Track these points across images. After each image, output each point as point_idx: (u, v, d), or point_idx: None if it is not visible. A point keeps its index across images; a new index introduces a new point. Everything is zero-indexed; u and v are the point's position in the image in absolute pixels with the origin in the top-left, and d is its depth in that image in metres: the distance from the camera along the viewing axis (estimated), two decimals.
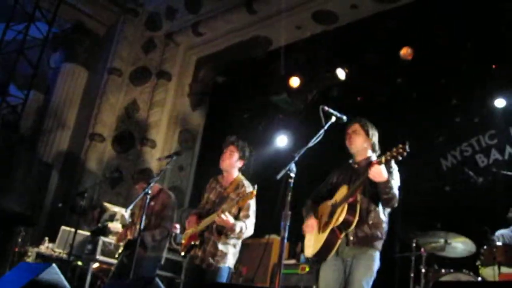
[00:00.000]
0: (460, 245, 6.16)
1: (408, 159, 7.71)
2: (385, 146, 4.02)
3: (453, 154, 8.18)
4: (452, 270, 5.86)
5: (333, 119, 3.90)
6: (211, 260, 4.75)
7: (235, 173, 5.08)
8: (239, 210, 4.81)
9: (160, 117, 10.15)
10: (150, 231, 5.77)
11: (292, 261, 7.18)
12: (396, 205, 4.03)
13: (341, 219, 3.89)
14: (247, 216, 4.81)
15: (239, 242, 4.96)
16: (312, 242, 4.13)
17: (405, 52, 7.69)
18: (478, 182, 6.73)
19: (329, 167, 4.50)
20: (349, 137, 4.23)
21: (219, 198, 4.91)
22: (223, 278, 4.80)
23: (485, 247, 5.78)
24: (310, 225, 4.19)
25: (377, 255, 4.05)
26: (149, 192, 5.12)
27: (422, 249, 6.18)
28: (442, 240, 6.14)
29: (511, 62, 7.33)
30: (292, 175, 3.48)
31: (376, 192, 3.96)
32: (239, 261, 7.60)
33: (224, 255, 4.78)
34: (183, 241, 5.00)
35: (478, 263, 5.82)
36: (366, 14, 8.13)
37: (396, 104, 8.39)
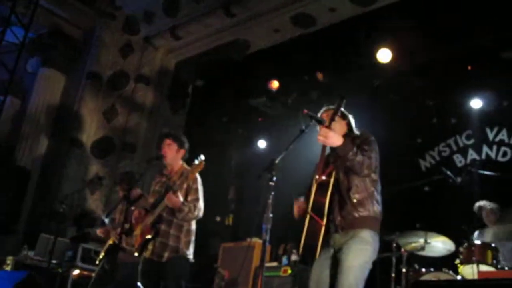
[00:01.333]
0: (440, 245, 6.23)
1: (388, 160, 7.81)
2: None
3: (432, 154, 8.30)
4: (432, 270, 5.92)
5: (313, 122, 3.90)
6: (163, 251, 4.71)
7: (179, 163, 5.10)
8: (187, 194, 4.80)
9: (139, 121, 10.08)
10: (131, 236, 5.73)
11: (274, 264, 7.19)
12: (370, 173, 3.66)
13: (312, 202, 3.56)
14: (196, 200, 4.80)
15: (193, 231, 4.91)
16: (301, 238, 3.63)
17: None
18: (456, 182, 6.81)
19: (310, 170, 4.50)
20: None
21: (165, 187, 4.84)
22: (181, 269, 4.74)
23: (464, 245, 5.86)
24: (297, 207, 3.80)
25: (370, 236, 3.57)
26: (129, 197, 5.09)
27: (403, 249, 6.23)
28: (421, 240, 6.20)
29: (486, 63, 7.46)
30: (273, 177, 3.49)
31: (346, 163, 3.57)
32: (221, 265, 7.66)
33: (176, 244, 4.75)
34: (135, 241, 4.90)
35: (457, 261, 5.90)
36: (345, 17, 8.20)
37: (374, 106, 8.47)
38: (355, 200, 3.60)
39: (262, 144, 9.36)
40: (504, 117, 7.61)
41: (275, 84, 8.72)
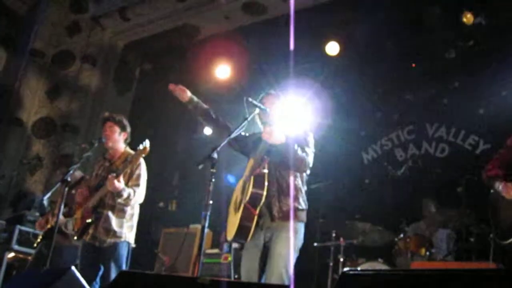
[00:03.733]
0: (377, 235, 6.43)
1: (333, 152, 7.92)
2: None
3: (374, 148, 8.49)
4: (368, 259, 6.11)
5: (257, 110, 3.93)
6: (105, 236, 4.69)
7: (121, 147, 5.09)
8: (129, 179, 4.80)
9: (84, 103, 9.83)
10: (71, 219, 5.61)
11: (215, 251, 7.22)
12: (306, 169, 3.87)
13: (249, 194, 3.67)
14: (136, 185, 4.80)
15: (135, 215, 4.90)
16: (231, 224, 3.91)
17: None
18: (396, 175, 7.01)
19: None
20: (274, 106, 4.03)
21: (108, 172, 4.82)
22: (122, 254, 4.71)
23: (399, 237, 6.06)
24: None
25: (302, 227, 3.86)
26: (69, 179, 4.97)
27: (341, 239, 6.39)
28: (360, 231, 6.38)
29: (429, 61, 7.69)
30: (214, 165, 3.49)
31: (284, 159, 3.75)
32: (162, 251, 7.62)
33: (118, 229, 4.74)
34: (75, 225, 4.86)
35: (392, 252, 6.10)
36: (297, 8, 8.23)
37: (320, 99, 8.58)
38: (293, 193, 3.79)
39: (208, 130, 9.33)
40: (444, 114, 7.86)
41: (223, 70, 8.69)
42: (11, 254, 6.94)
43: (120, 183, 4.57)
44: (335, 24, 7.82)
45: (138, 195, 4.81)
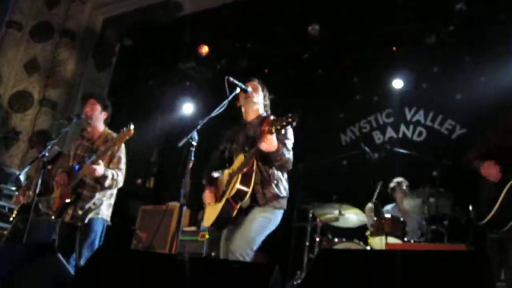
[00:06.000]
0: (353, 216, 6.52)
1: (312, 133, 7.96)
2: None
3: (352, 130, 8.56)
4: (344, 240, 6.20)
5: (238, 90, 3.93)
6: (83, 215, 4.67)
7: (101, 126, 5.05)
8: (110, 161, 4.79)
9: (62, 77, 9.69)
10: (46, 196, 5.58)
11: (193, 228, 7.25)
12: (290, 167, 4.03)
13: (234, 190, 3.81)
14: (118, 169, 4.81)
15: (114, 193, 4.92)
16: (210, 212, 4.05)
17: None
18: (373, 158, 7.08)
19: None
20: (251, 93, 4.16)
21: (88, 152, 4.82)
22: (97, 230, 4.73)
23: (375, 218, 6.15)
24: (207, 197, 4.11)
25: (279, 214, 4.02)
26: (46, 155, 4.94)
27: (318, 220, 6.47)
28: (336, 212, 6.46)
29: (410, 46, 7.74)
30: (194, 143, 3.51)
31: (273, 160, 3.91)
32: (139, 228, 7.64)
33: (98, 206, 4.75)
34: (53, 204, 4.84)
35: (367, 233, 6.20)
36: None
37: (302, 79, 8.60)
38: (275, 182, 3.98)
39: (188, 108, 9.29)
40: (422, 99, 7.94)
41: (204, 49, 8.65)
42: None
43: (100, 167, 4.54)
44: (317, 5, 7.81)
45: (119, 178, 4.79)
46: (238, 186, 3.80)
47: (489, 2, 7.06)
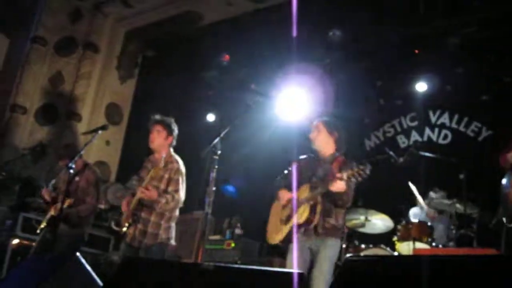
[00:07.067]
0: (379, 222, 6.46)
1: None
2: None
3: (376, 134, 8.50)
4: (370, 246, 6.13)
5: (261, 98, 3.94)
6: (141, 238, 4.79)
7: (165, 151, 5.10)
8: (168, 184, 4.86)
9: (86, 90, 9.83)
10: (75, 207, 5.65)
11: (218, 237, 7.25)
12: (350, 204, 4.56)
13: (304, 218, 4.25)
14: (175, 191, 4.86)
15: (174, 218, 4.99)
16: (274, 232, 4.51)
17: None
18: (398, 162, 7.00)
19: (255, 146, 4.57)
20: (313, 137, 4.63)
21: (147, 175, 4.90)
22: (155, 256, 4.79)
23: (401, 223, 6.08)
24: (284, 196, 4.50)
25: (339, 243, 4.50)
26: (73, 167, 5.01)
27: (344, 226, 6.41)
28: (362, 217, 6.41)
29: (433, 48, 7.65)
30: (217, 152, 3.51)
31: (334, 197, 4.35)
32: None
33: (155, 231, 4.82)
34: (123, 227, 4.95)
35: (394, 238, 6.12)
36: None
37: (324, 85, 8.55)
38: (334, 215, 4.44)
39: (210, 117, 9.33)
40: (447, 101, 7.85)
41: (226, 58, 8.67)
42: (16, 241, 6.99)
43: (151, 193, 4.67)
44: (337, 10, 7.77)
45: (177, 200, 4.86)
46: (307, 215, 4.26)
47: None
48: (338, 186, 4.13)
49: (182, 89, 9.57)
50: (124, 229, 4.85)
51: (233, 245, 6.93)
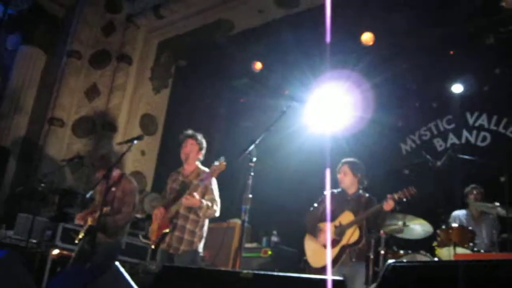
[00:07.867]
0: (418, 227, 6.31)
1: (370, 144, 7.84)
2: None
3: (412, 138, 8.36)
4: (409, 251, 6.00)
5: (293, 103, 3.92)
6: (177, 244, 4.95)
7: (195, 164, 5.30)
8: (204, 193, 5.02)
9: (121, 101, 9.98)
10: (112, 217, 5.71)
11: (254, 245, 7.23)
12: None
13: (353, 239, 4.79)
14: (212, 200, 5.03)
15: (206, 226, 5.15)
16: (319, 255, 4.98)
17: (367, 37, 7.80)
18: (436, 166, 6.87)
19: (289, 152, 4.54)
20: (341, 178, 5.25)
21: (181, 186, 5.09)
22: (190, 262, 4.92)
23: (441, 228, 5.94)
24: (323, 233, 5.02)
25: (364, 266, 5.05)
26: (110, 177, 5.08)
27: (382, 231, 6.29)
28: (400, 222, 6.27)
29: (468, 48, 7.50)
30: (253, 159, 3.50)
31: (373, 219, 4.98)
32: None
33: (191, 238, 4.99)
34: (152, 237, 5.11)
35: (434, 244, 5.98)
36: None
37: (357, 90, 8.48)
38: (365, 240, 5.04)
39: (244, 124, 9.35)
40: (484, 102, 7.67)
41: (258, 65, 8.69)
42: (56, 251, 7.10)
43: (195, 198, 4.85)
44: (370, 14, 7.70)
45: (215, 207, 5.05)
46: (357, 237, 4.80)
47: None
48: (391, 205, 4.79)
49: (215, 97, 9.62)
50: (153, 246, 5.07)
51: (269, 252, 6.90)
